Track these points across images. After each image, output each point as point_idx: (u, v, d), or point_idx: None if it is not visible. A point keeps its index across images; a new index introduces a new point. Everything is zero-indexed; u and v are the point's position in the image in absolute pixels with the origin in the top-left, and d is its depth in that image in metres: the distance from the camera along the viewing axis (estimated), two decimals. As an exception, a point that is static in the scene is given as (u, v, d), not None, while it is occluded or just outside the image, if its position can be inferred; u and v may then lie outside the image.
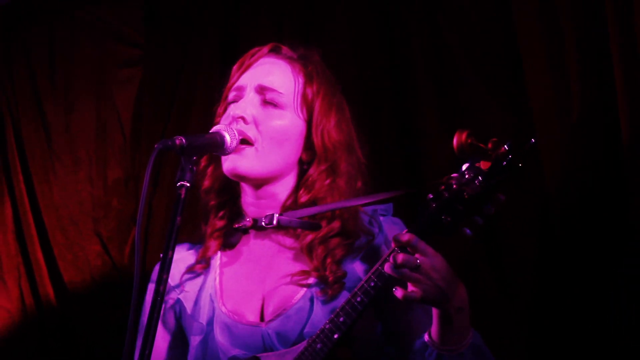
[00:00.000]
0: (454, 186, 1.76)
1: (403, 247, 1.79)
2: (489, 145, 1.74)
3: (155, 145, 1.80)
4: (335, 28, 3.05)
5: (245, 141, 2.01)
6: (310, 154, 2.09)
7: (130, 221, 3.47)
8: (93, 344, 3.38)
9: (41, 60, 3.55)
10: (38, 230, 3.45)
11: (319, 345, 1.85)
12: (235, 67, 2.18)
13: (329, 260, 2.01)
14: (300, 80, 2.10)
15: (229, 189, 2.17)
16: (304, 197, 2.06)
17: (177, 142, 1.81)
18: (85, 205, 3.48)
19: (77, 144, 3.52)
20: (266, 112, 2.05)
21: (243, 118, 2.03)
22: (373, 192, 2.10)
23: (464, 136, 1.75)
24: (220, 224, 2.17)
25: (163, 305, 2.15)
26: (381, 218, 2.08)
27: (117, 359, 1.68)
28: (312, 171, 2.08)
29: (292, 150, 2.08)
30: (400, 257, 1.76)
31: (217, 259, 2.15)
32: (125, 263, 3.44)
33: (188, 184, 1.79)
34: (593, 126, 2.43)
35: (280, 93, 2.06)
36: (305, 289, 2.00)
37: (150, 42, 3.54)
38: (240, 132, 1.99)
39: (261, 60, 2.14)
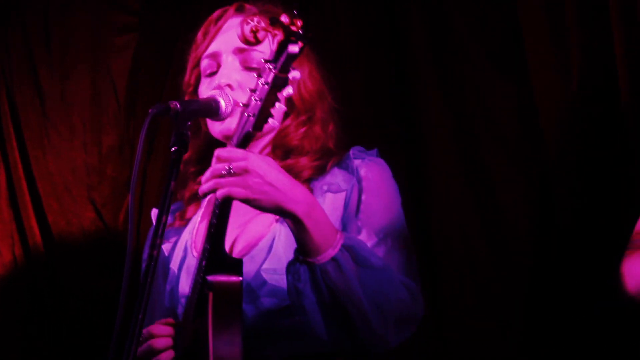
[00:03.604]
0: (255, 83, 1.73)
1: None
2: (276, 27, 1.67)
3: (150, 110, 1.79)
4: (334, 2, 3.03)
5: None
6: (290, 105, 2.09)
7: (124, 188, 3.47)
8: (87, 310, 3.38)
9: (36, 27, 3.52)
10: (32, 197, 3.44)
11: (198, 277, 1.82)
12: (200, 35, 2.16)
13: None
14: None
15: (208, 157, 2.17)
16: (280, 148, 2.08)
17: (172, 106, 1.80)
18: (80, 173, 3.46)
19: (71, 111, 3.50)
20: (249, 76, 2.03)
21: (229, 85, 2.02)
22: (347, 135, 2.14)
23: (246, 29, 1.69)
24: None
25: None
26: (355, 160, 2.04)
27: (112, 325, 1.69)
28: (290, 122, 2.09)
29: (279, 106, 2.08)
30: (208, 171, 1.73)
31: (199, 214, 2.16)
32: (120, 230, 3.44)
33: (183, 149, 1.79)
34: (593, 95, 2.42)
35: (261, 52, 2.02)
36: (273, 223, 1.97)
37: (147, 9, 3.52)
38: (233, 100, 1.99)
39: (229, 23, 2.12)
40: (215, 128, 2.06)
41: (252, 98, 1.74)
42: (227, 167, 1.71)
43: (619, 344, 2.34)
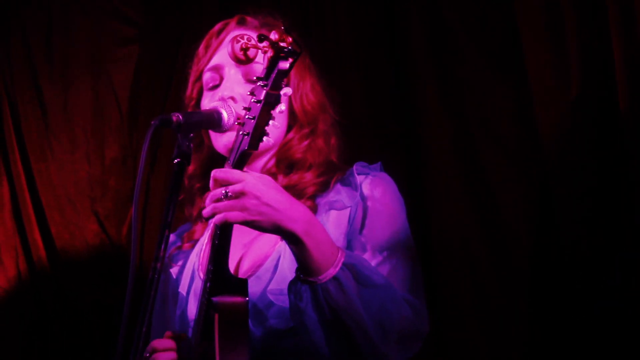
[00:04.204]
0: (249, 102, 1.74)
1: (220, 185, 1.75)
2: (266, 44, 1.68)
3: (152, 122, 1.78)
4: (334, 2, 3.04)
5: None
6: (292, 118, 2.09)
7: (127, 200, 3.47)
8: (91, 322, 3.38)
9: (38, 39, 3.52)
10: (35, 209, 3.43)
11: (204, 298, 1.82)
12: (201, 48, 2.15)
13: (301, 200, 1.99)
14: None
15: None
16: (283, 162, 2.07)
17: (174, 118, 1.80)
18: (83, 185, 3.46)
19: (74, 122, 3.50)
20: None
21: (232, 98, 2.02)
22: (348, 149, 2.15)
23: (236, 47, 1.71)
24: None
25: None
26: (358, 176, 2.04)
27: (116, 337, 1.68)
28: (293, 134, 2.09)
29: (283, 119, 2.08)
30: (208, 196, 1.73)
31: (206, 235, 2.16)
32: (123, 242, 3.44)
33: (185, 161, 1.78)
34: (592, 102, 2.41)
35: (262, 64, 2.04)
36: (279, 242, 1.97)
37: (148, 20, 3.53)
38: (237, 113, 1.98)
39: (231, 35, 2.11)
40: (219, 142, 2.05)
41: (246, 117, 1.74)
42: (223, 192, 1.71)
43: (619, 344, 2.33)
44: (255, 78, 1.73)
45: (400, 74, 2.89)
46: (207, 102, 2.08)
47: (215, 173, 1.73)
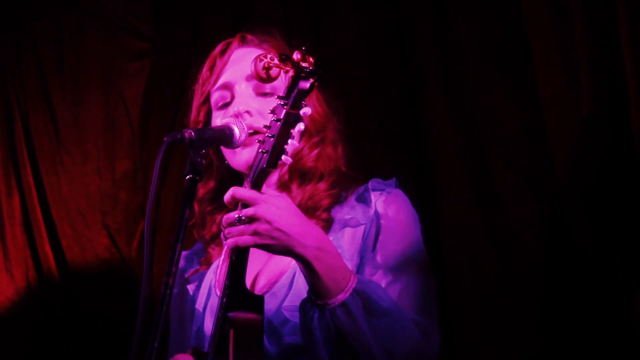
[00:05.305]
0: (269, 121, 1.76)
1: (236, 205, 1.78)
2: (288, 64, 1.70)
3: (165, 138, 1.80)
4: (342, 11, 3.06)
5: (257, 132, 2.01)
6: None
7: (138, 214, 3.48)
8: (100, 335, 3.38)
9: (49, 53, 3.55)
10: (46, 222, 3.45)
11: (219, 314, 1.84)
12: (205, 70, 2.18)
13: (317, 212, 2.02)
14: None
15: (222, 194, 2.18)
16: (296, 172, 2.10)
17: (187, 135, 1.82)
18: (93, 198, 3.48)
19: (85, 136, 3.52)
20: (264, 102, 2.05)
21: (248, 112, 2.03)
22: (354, 157, 2.18)
23: (259, 66, 1.72)
24: (217, 229, 2.18)
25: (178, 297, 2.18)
26: (373, 192, 2.06)
27: (125, 350, 1.68)
28: (303, 144, 2.12)
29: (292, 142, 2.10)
30: (223, 219, 1.77)
31: (222, 255, 2.17)
32: (133, 256, 3.44)
33: (197, 177, 1.79)
34: (604, 120, 2.41)
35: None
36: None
37: (158, 34, 3.54)
38: (249, 126, 1.99)
39: (235, 54, 2.15)
40: (239, 159, 2.06)
41: (266, 135, 1.76)
42: (237, 216, 1.74)
43: (619, 344, 2.32)
44: (276, 97, 1.74)
45: (407, 81, 2.90)
46: (220, 122, 2.09)
47: (234, 191, 1.75)
